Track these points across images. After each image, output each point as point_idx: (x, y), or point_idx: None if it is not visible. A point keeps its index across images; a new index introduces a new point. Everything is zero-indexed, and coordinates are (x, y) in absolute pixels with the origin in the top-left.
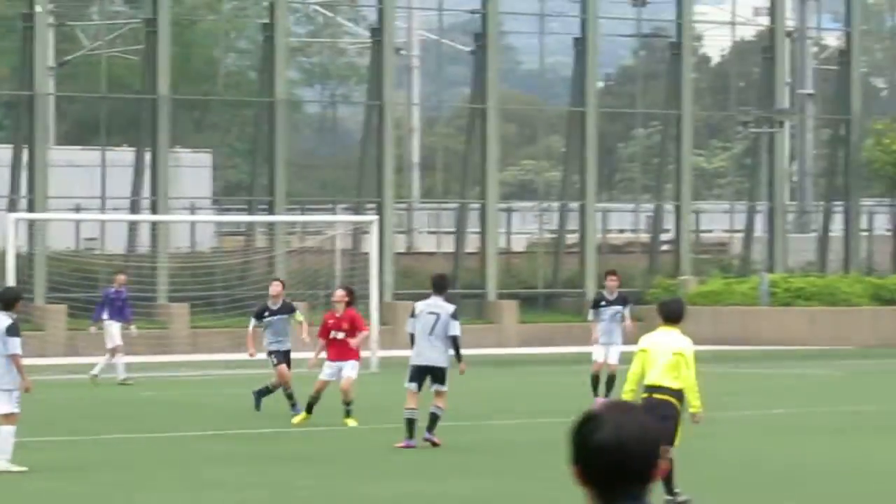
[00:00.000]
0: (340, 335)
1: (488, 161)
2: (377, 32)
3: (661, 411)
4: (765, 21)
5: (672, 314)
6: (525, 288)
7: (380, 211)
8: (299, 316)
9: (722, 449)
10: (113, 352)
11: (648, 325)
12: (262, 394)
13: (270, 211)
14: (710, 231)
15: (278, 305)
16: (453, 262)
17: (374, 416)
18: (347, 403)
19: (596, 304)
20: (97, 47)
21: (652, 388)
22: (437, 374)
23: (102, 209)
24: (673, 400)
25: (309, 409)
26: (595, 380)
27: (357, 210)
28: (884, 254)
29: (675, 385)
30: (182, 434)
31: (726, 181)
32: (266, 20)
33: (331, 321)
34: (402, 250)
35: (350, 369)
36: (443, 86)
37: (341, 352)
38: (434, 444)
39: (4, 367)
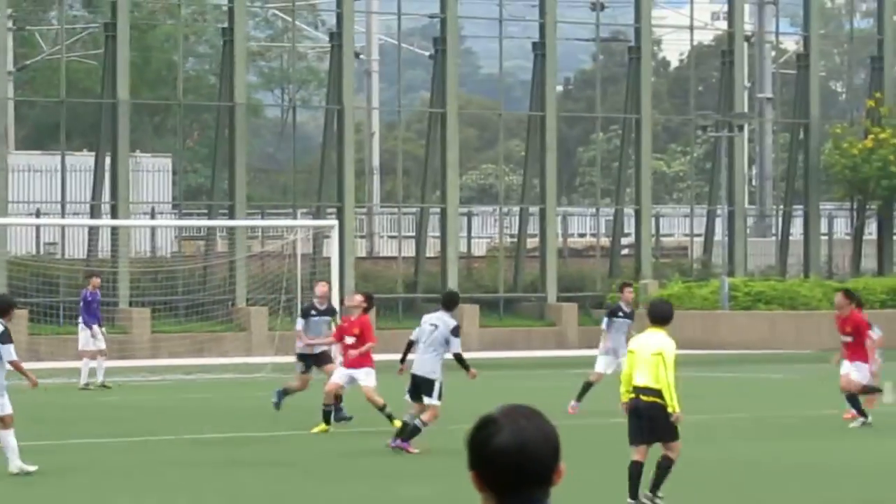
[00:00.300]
0: (350, 340)
1: (448, 165)
2: (336, 37)
3: (650, 413)
4: (723, 25)
5: (659, 315)
6: (486, 292)
7: (340, 215)
8: (337, 319)
9: (682, 453)
10: (97, 354)
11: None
12: (332, 412)
13: (231, 215)
14: (670, 235)
15: (325, 307)
16: (414, 266)
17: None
18: (382, 409)
19: (613, 314)
20: (56, 52)
21: (638, 390)
22: (424, 385)
23: (63, 214)
24: (659, 400)
25: (327, 420)
26: (587, 387)
27: (317, 214)
28: (843, 257)
29: (658, 385)
30: (146, 439)
31: (686, 185)
32: (225, 24)
33: (345, 324)
34: (363, 255)
35: (364, 378)
36: (402, 90)
37: (356, 359)
38: (407, 451)
39: None
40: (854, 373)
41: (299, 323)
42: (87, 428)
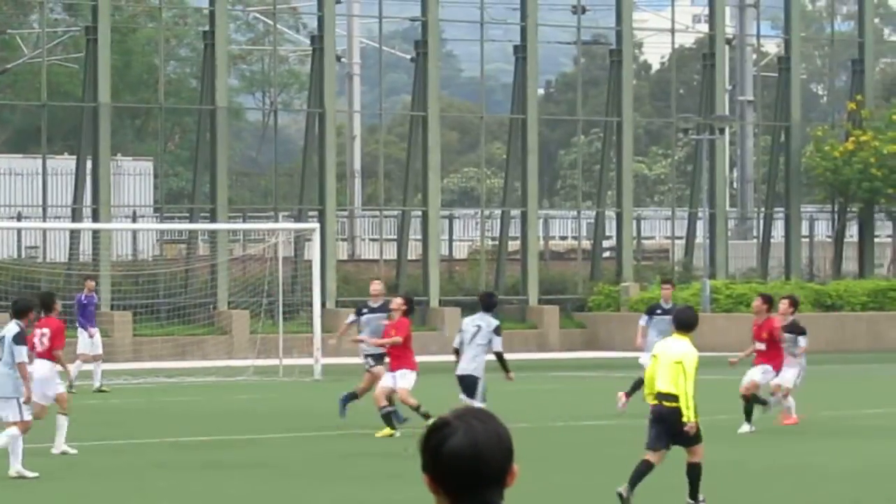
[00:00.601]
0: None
1: (430, 168)
2: (318, 40)
3: (672, 418)
4: (704, 28)
5: (682, 322)
6: (467, 295)
7: (321, 218)
8: (395, 315)
9: (667, 455)
10: (92, 358)
11: (591, 332)
12: (347, 399)
13: (212, 219)
14: (651, 238)
15: (378, 304)
16: (395, 269)
17: (317, 424)
18: (416, 409)
19: (651, 312)
20: (37, 55)
21: (661, 396)
22: (468, 384)
23: (44, 217)
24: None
25: (389, 423)
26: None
27: (299, 217)
28: (824, 260)
29: (678, 392)
30: (128, 442)
31: (667, 188)
32: (206, 28)
33: (388, 328)
34: (345, 258)
35: (401, 379)
36: (384, 93)
37: (396, 362)
38: None
39: (9, 376)
40: (759, 375)
41: (349, 318)
42: (69, 431)
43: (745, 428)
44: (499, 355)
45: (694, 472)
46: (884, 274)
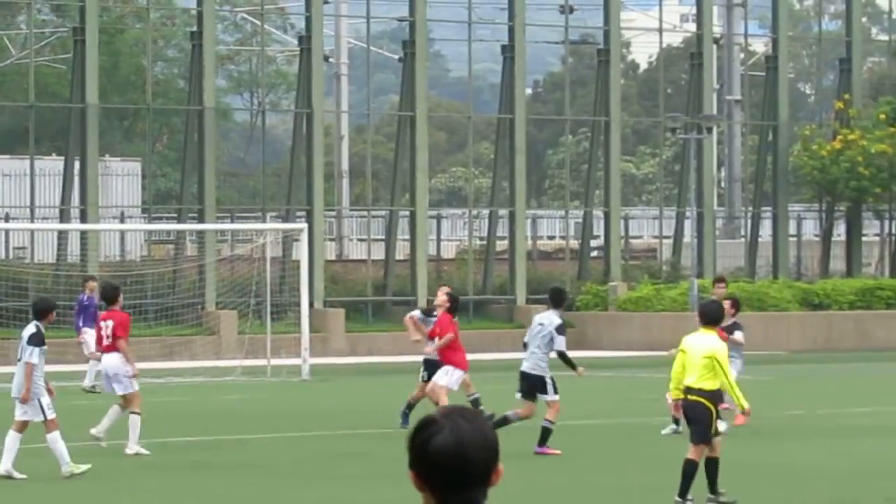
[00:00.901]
0: (435, 339)
1: (417, 168)
2: (305, 40)
3: (694, 412)
4: (692, 28)
5: (709, 317)
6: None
7: (309, 218)
8: (439, 311)
9: (652, 455)
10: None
11: (579, 331)
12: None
13: (200, 219)
14: (639, 237)
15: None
16: (383, 269)
17: (306, 424)
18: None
19: None
20: (25, 56)
21: (688, 390)
22: (535, 383)
23: (32, 218)
24: (705, 401)
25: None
26: None
27: (287, 218)
28: (812, 259)
29: (707, 386)
30: (116, 442)
31: (655, 187)
32: (194, 28)
33: (435, 326)
34: (332, 258)
35: (443, 375)
36: (372, 93)
37: (442, 356)
38: (553, 454)
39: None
40: None
41: (417, 314)
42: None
43: (722, 426)
44: (561, 355)
45: (689, 468)
46: (871, 273)
